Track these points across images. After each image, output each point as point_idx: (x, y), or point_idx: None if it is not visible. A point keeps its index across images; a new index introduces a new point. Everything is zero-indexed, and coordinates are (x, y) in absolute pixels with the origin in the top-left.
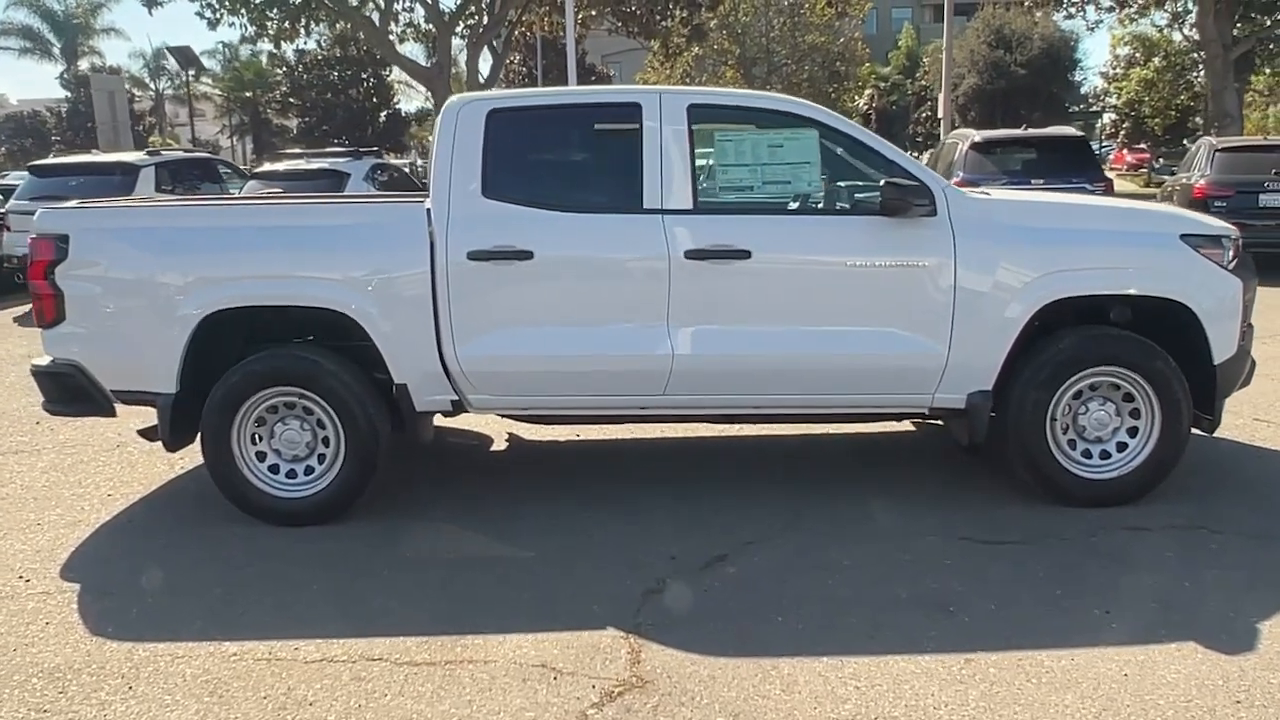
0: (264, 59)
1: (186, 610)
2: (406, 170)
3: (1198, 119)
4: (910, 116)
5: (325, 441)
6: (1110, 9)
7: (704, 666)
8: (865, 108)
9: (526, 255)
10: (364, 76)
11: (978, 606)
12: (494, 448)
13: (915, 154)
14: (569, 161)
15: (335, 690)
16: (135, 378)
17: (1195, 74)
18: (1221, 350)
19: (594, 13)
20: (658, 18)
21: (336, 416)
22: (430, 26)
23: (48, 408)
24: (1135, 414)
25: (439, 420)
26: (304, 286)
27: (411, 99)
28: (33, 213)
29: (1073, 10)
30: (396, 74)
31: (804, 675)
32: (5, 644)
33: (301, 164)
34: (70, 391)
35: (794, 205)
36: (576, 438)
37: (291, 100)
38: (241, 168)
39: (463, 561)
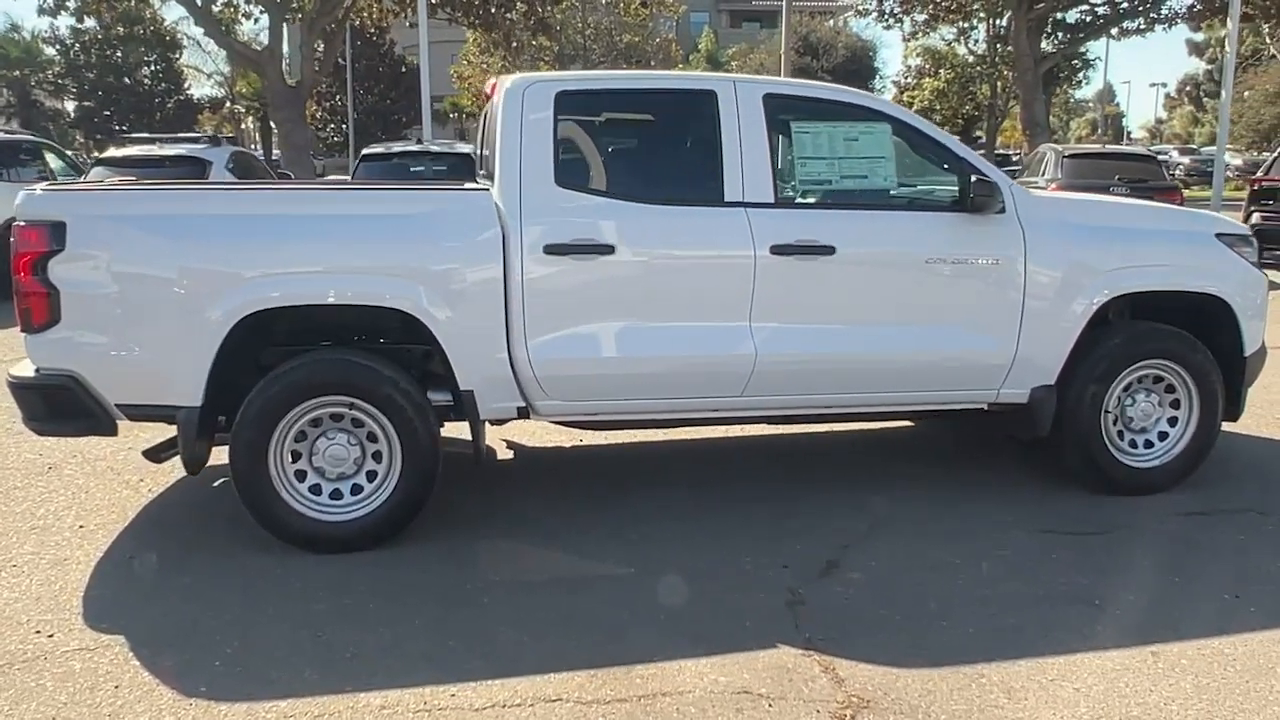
0: (29, 35)
1: (279, 656)
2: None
3: (979, 131)
4: None
5: (376, 457)
6: (898, 18)
7: (911, 679)
8: None
9: (608, 249)
10: (150, 59)
11: (1115, 598)
12: (499, 456)
13: None
14: (644, 150)
15: None
16: (150, 389)
17: (980, 86)
18: (1251, 343)
19: (432, 1)
20: (501, 10)
21: (394, 428)
22: (257, 8)
23: (33, 426)
24: (1175, 404)
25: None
26: (361, 282)
27: (201, 85)
28: None
29: (891, 21)
30: (186, 58)
31: (1016, 681)
32: (83, 717)
33: (155, 150)
34: (64, 407)
35: (872, 200)
36: (579, 442)
37: (65, 82)
38: (68, 154)
39: (559, 582)
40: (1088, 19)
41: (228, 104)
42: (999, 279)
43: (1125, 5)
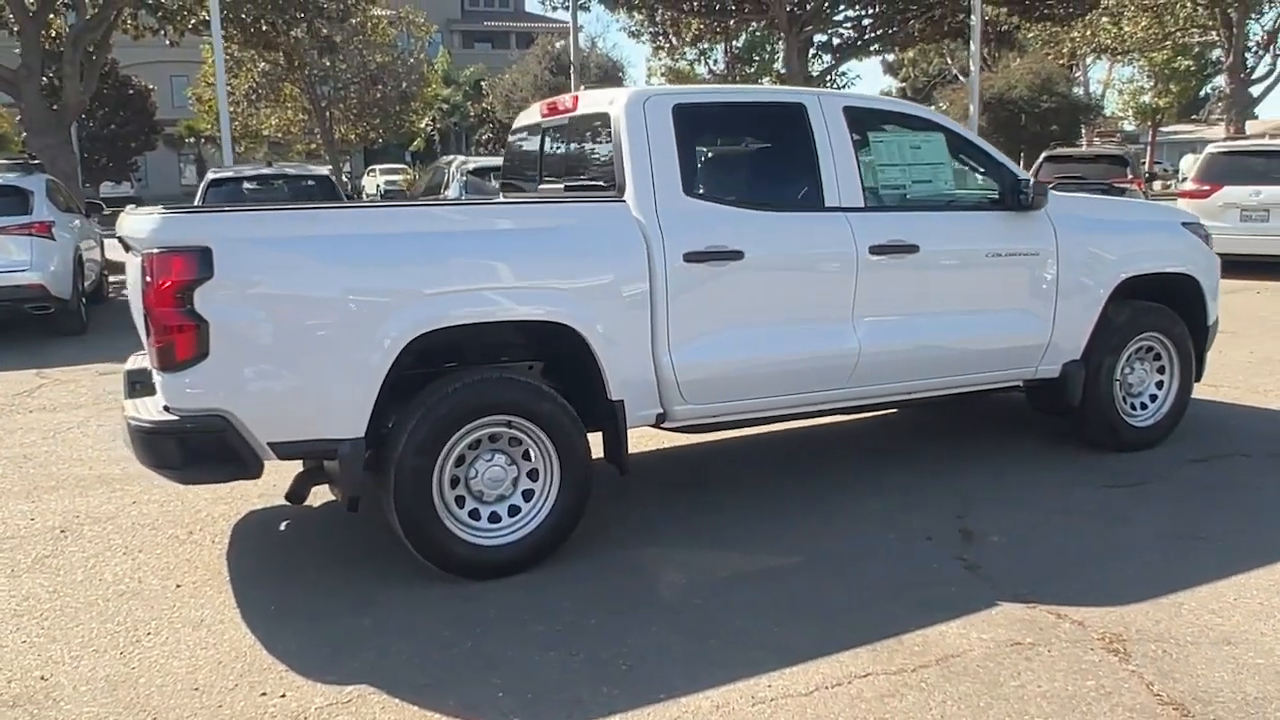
0: None
1: (558, 679)
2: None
3: None
4: (472, 138)
5: (532, 475)
6: (667, 37)
7: (1133, 614)
8: (429, 128)
9: (737, 255)
10: None
11: (1212, 531)
12: None
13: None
14: (753, 159)
15: (903, 699)
16: (308, 424)
17: None
18: (1212, 314)
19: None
20: (284, 27)
21: (553, 444)
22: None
23: (172, 475)
24: (1161, 370)
25: None
26: (525, 298)
27: None
28: None
29: (662, 40)
30: None
31: (1210, 604)
32: None
33: None
34: (209, 451)
35: (939, 202)
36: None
37: None
38: None
39: (744, 576)
40: (843, 42)
41: None
42: (1039, 268)
43: (870, 31)
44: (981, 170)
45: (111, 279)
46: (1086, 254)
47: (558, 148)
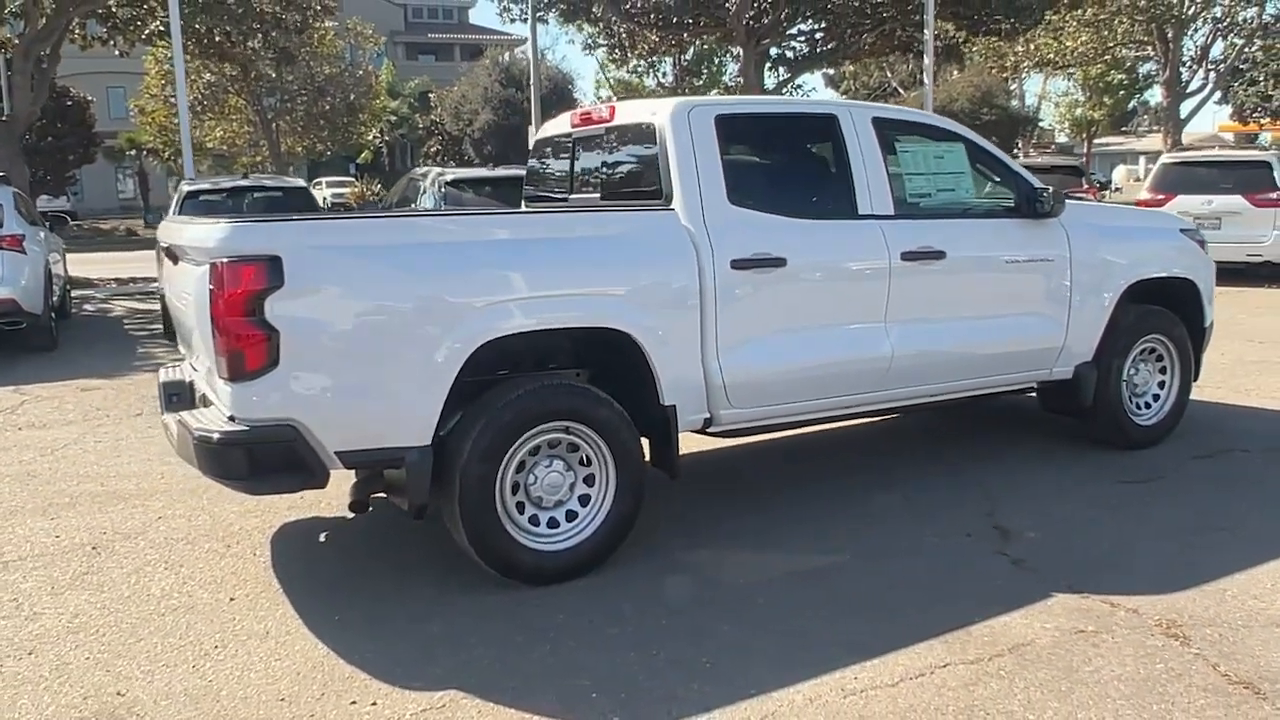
0: None
1: (648, 682)
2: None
3: None
4: (420, 151)
5: (588, 480)
6: (624, 50)
7: (1185, 601)
8: (376, 141)
9: (780, 262)
10: None
11: (1235, 520)
12: None
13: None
14: (789, 169)
15: (987, 687)
16: (377, 433)
17: None
18: (1208, 316)
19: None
20: (242, 38)
21: (609, 449)
22: None
23: (238, 486)
24: (1163, 371)
25: None
26: (587, 306)
27: None
28: None
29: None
30: None
31: (1252, 589)
32: None
33: None
34: (277, 461)
35: (962, 209)
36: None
37: None
38: None
39: (797, 575)
40: (796, 55)
41: None
42: (1054, 273)
43: (821, 45)
44: (998, 179)
45: (74, 294)
46: (1098, 259)
47: (591, 158)
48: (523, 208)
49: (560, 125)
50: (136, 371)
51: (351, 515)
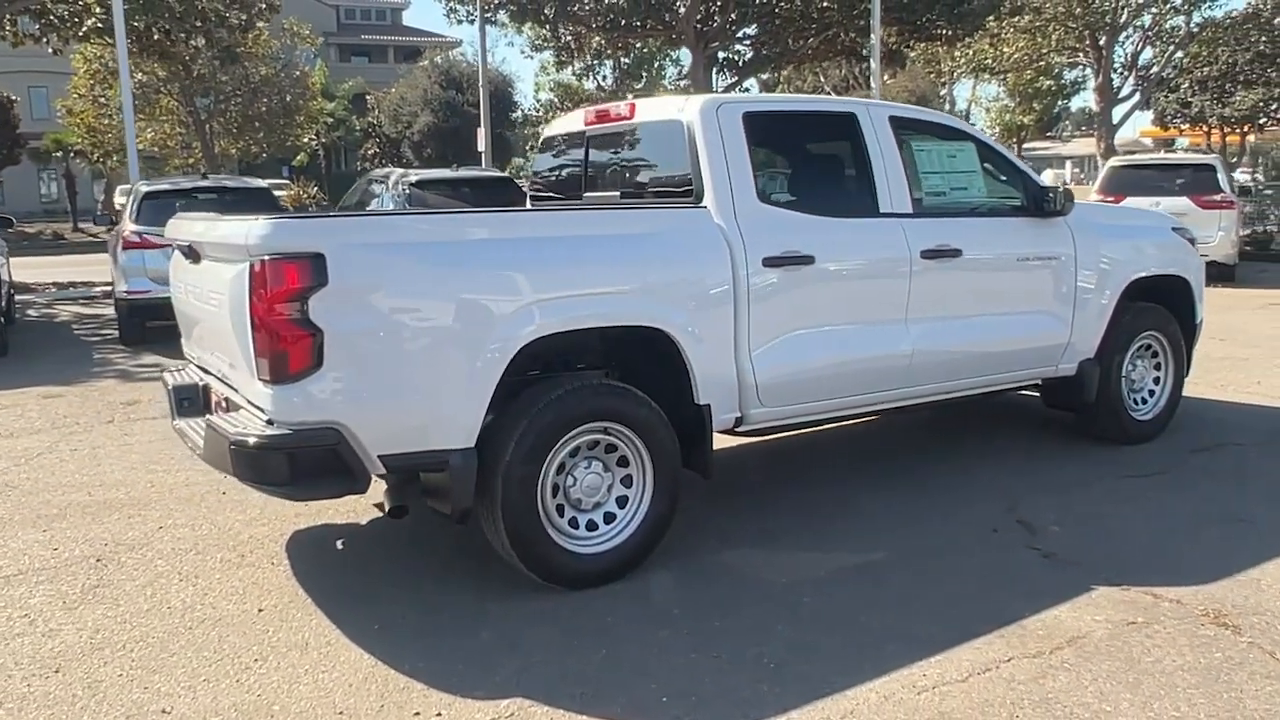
0: None
1: (715, 683)
2: None
3: None
4: (357, 153)
5: (626, 482)
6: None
7: (1224, 590)
8: (313, 143)
9: (809, 260)
10: None
11: (1246, 510)
12: None
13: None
14: (813, 166)
15: (1056, 679)
16: (420, 436)
17: None
18: (1199, 313)
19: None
20: (184, 36)
21: (647, 449)
22: None
23: (277, 492)
24: (1158, 367)
25: None
26: (625, 304)
27: None
28: None
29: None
30: None
31: None
32: None
33: None
34: (319, 465)
35: (975, 208)
36: None
37: None
38: None
39: (839, 573)
40: (740, 59)
41: None
42: (1061, 271)
43: (765, 48)
44: (1005, 178)
45: (18, 298)
46: (1101, 257)
47: (606, 156)
48: (528, 206)
49: (573, 123)
50: (97, 378)
51: (365, 521)
